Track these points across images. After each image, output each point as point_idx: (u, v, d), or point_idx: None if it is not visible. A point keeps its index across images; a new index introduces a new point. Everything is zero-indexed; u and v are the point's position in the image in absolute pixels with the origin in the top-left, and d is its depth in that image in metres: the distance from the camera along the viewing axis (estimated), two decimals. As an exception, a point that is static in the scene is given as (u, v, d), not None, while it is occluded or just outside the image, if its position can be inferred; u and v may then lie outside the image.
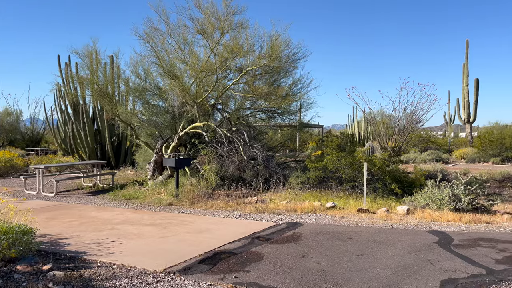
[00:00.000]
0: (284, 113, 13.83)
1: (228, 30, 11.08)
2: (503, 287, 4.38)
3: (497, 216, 8.26)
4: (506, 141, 24.92)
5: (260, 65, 11.32)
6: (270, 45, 11.52)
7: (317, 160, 11.51)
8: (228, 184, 10.92)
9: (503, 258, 5.42)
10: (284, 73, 12.97)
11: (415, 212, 8.47)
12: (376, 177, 10.63)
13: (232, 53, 11.06)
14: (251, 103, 13.31)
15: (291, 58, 12.33)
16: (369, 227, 7.38)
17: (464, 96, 34.00)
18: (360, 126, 38.17)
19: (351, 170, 10.60)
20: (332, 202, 9.23)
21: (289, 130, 16.80)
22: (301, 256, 5.51)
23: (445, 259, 5.39)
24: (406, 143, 23.47)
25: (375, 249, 5.89)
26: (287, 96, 12.79)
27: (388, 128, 20.49)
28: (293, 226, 7.43)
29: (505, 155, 24.33)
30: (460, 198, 8.59)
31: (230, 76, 12.54)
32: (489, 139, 25.34)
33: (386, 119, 21.09)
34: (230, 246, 6.01)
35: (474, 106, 33.65)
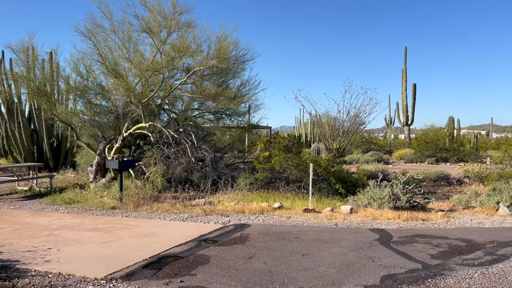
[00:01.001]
0: (232, 114, 13.83)
1: (175, 29, 10.89)
2: (438, 280, 4.64)
3: (432, 213, 8.78)
4: (440, 143, 26.64)
5: (208, 66, 11.23)
6: (218, 46, 11.47)
7: (265, 161, 11.60)
8: (175, 186, 10.71)
9: (438, 253, 5.76)
10: (232, 74, 12.97)
11: (358, 211, 8.79)
12: (322, 178, 10.91)
13: (179, 53, 10.87)
14: (199, 104, 13.17)
15: (240, 60, 12.37)
16: (315, 227, 7.55)
17: (403, 99, 35.93)
18: (307, 128, 39.12)
19: (298, 170, 10.80)
20: (280, 203, 9.35)
21: (237, 131, 16.82)
22: (248, 258, 5.51)
23: (385, 255, 5.63)
24: (350, 144, 24.41)
25: (320, 248, 6.03)
26: (236, 98, 12.80)
27: (333, 129, 21.16)
28: (241, 227, 7.42)
29: (439, 155, 25.99)
30: (399, 197, 9.04)
31: (178, 76, 12.34)
32: (425, 140, 26.95)
33: (331, 121, 21.77)
34: (176, 250, 5.88)
35: (412, 109, 35.64)
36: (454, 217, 8.53)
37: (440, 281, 4.60)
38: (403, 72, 35.74)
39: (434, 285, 4.50)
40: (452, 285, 4.49)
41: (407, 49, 36.05)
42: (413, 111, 35.68)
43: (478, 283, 4.55)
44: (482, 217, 8.52)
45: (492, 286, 4.46)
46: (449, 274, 4.85)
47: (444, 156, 25.93)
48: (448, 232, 7.11)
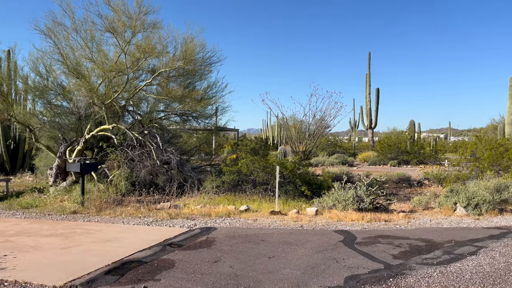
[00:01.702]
0: (199, 116, 13.70)
1: (140, 29, 10.68)
2: (399, 280, 4.77)
3: (394, 214, 9.04)
4: (402, 146, 27.53)
5: (174, 67, 11.08)
6: (184, 47, 11.34)
7: (232, 164, 11.57)
8: (139, 189, 10.48)
9: (399, 253, 5.93)
10: (199, 76, 12.87)
11: (323, 213, 8.92)
12: (288, 180, 10.99)
13: (145, 54, 10.67)
14: (165, 106, 12.97)
15: (206, 62, 12.29)
16: (281, 229, 7.59)
17: (367, 104, 36.90)
18: (274, 131, 39.39)
19: (265, 173, 10.84)
20: (246, 205, 9.34)
21: (204, 133, 16.69)
22: (214, 261, 5.46)
23: (349, 256, 5.73)
24: (316, 147, 24.76)
25: (286, 250, 6.06)
26: (202, 100, 12.70)
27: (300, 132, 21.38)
28: (207, 231, 7.35)
29: (401, 158, 26.85)
30: (362, 199, 9.25)
31: (143, 77, 12.10)
32: (388, 143, 27.77)
33: (298, 124, 21.99)
34: (140, 255, 5.75)
35: (375, 113, 36.66)
36: (414, 217, 8.81)
37: (401, 281, 4.73)
38: (367, 77, 36.72)
39: (395, 284, 4.62)
40: (412, 284, 4.62)
41: (371, 54, 37.08)
42: (376, 115, 36.71)
43: (437, 282, 4.71)
44: (441, 218, 8.85)
45: (450, 285, 4.63)
46: (410, 273, 5.00)
47: (406, 159, 26.81)
48: (409, 233, 7.34)
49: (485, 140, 15.26)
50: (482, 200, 9.29)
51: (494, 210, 9.30)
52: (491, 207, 9.29)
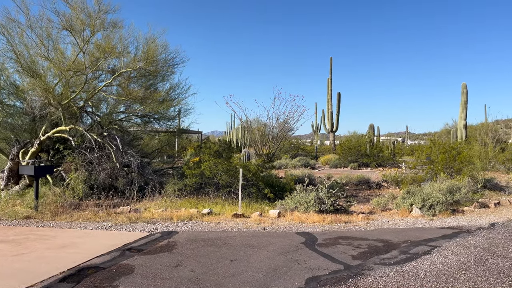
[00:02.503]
0: (161, 118, 13.47)
1: (100, 28, 10.38)
2: (357, 280, 4.89)
3: (354, 216, 9.26)
4: (362, 149, 28.28)
5: (135, 68, 10.84)
6: (146, 48, 11.13)
7: (195, 167, 11.45)
8: (98, 193, 10.14)
9: (358, 254, 6.07)
10: (161, 77, 12.66)
11: (286, 215, 9.00)
12: (251, 183, 11.01)
13: (104, 53, 10.37)
14: (126, 107, 12.66)
15: (169, 63, 12.11)
16: (244, 232, 7.58)
17: (329, 107, 37.65)
18: (238, 133, 39.37)
19: (228, 176, 10.80)
20: (209, 208, 9.27)
21: (167, 136, 16.42)
22: (175, 266, 5.37)
23: (310, 258, 5.81)
24: (279, 150, 25.00)
25: (248, 253, 6.06)
26: (165, 101, 12.50)
27: (263, 135, 21.51)
28: (168, 235, 7.23)
29: (361, 161, 27.57)
30: (324, 201, 9.41)
31: (102, 77, 11.76)
32: (348, 146, 28.44)
33: (262, 127, 22.12)
34: (97, 261, 5.56)
35: (337, 117, 37.46)
36: (373, 219, 9.07)
37: (359, 281, 4.85)
38: (329, 81, 37.49)
39: (354, 284, 4.73)
40: (370, 284, 4.75)
41: (332, 59, 37.91)
42: (338, 118, 37.51)
43: (394, 281, 4.87)
44: (398, 219, 9.16)
45: (406, 284, 4.80)
46: (368, 273, 5.13)
47: (365, 162, 27.57)
48: (368, 234, 7.54)
49: (439, 144, 15.96)
50: (436, 201, 9.70)
51: (447, 211, 9.73)
52: (444, 208, 9.72)
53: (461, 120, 31.78)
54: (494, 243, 6.87)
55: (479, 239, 7.15)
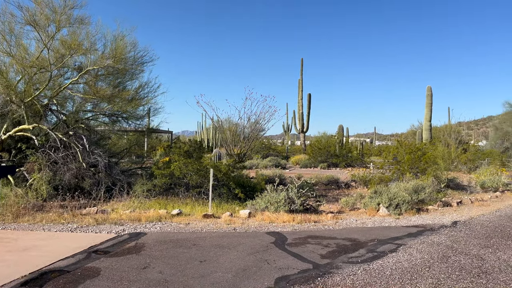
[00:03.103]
0: (130, 117, 13.19)
1: (65, 24, 10.07)
2: (326, 279, 4.95)
3: (323, 215, 9.39)
4: (331, 149, 28.73)
5: (103, 65, 10.57)
6: (114, 45, 10.88)
7: (164, 167, 11.28)
8: (63, 194, 9.82)
9: (327, 253, 6.16)
10: (130, 75, 12.41)
11: (256, 215, 9.01)
12: (222, 183, 10.97)
13: (70, 50, 10.06)
14: (93, 106, 12.32)
15: (138, 61, 11.88)
16: (214, 232, 7.53)
17: (299, 108, 38.04)
18: (209, 133, 39.15)
19: (198, 176, 10.71)
20: (179, 209, 9.15)
21: (136, 135, 16.13)
22: (143, 268, 5.27)
23: (280, 258, 5.84)
24: (251, 150, 24.99)
25: (218, 253, 6.02)
26: (134, 100, 12.25)
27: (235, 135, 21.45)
28: (136, 236, 7.09)
29: (330, 161, 28.01)
30: (294, 200, 9.49)
31: (68, 74, 11.41)
32: (318, 147, 28.83)
33: (233, 127, 22.06)
34: (61, 264, 5.38)
35: (307, 117, 37.90)
36: (342, 218, 9.22)
37: (328, 280, 4.91)
38: (300, 82, 37.87)
39: (323, 283, 4.79)
40: (338, 282, 4.82)
41: (303, 60, 38.33)
42: (308, 119, 37.97)
43: (361, 279, 4.96)
44: (366, 218, 9.36)
45: (373, 281, 4.90)
46: (336, 272, 5.21)
47: (335, 162, 28.02)
48: (336, 233, 7.66)
49: (405, 144, 16.42)
50: (402, 200, 9.97)
51: (412, 209, 10.03)
52: (409, 207, 10.01)
53: (426, 122, 32.83)
54: (456, 240, 7.13)
55: (442, 237, 7.40)
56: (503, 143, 41.83)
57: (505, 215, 10.01)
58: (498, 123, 47.53)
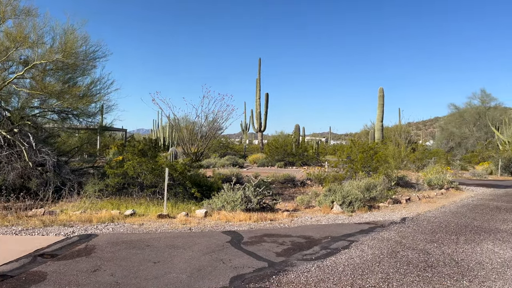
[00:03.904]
0: (81, 114, 12.66)
1: (11, 15, 9.51)
2: (281, 277, 5.00)
3: (279, 213, 9.49)
4: (288, 148, 29.15)
5: (51, 60, 10.07)
6: (64, 39, 10.40)
7: (117, 166, 10.93)
8: (6, 195, 9.26)
9: (282, 251, 6.23)
10: (81, 71, 11.91)
11: (212, 215, 8.95)
12: (178, 182, 10.79)
13: (16, 43, 9.51)
14: (41, 102, 11.71)
15: (90, 56, 11.44)
16: (168, 233, 7.40)
17: (257, 107, 38.25)
18: (165, 132, 38.44)
19: (153, 175, 10.48)
20: (132, 210, 8.91)
21: (87, 133, 15.50)
22: (93, 270, 5.08)
23: (235, 257, 5.83)
24: (208, 149, 24.83)
25: (172, 254, 5.92)
26: (85, 97, 11.78)
27: (192, 134, 21.21)
28: (87, 238, 6.82)
29: (287, 160, 28.39)
30: (250, 199, 9.52)
31: (13, 68, 10.78)
32: (275, 146, 29.15)
33: (190, 125, 21.81)
34: (4, 268, 5.07)
35: (265, 116, 38.19)
36: (297, 216, 9.36)
37: (283, 277, 4.97)
38: (257, 82, 38.08)
39: (277, 281, 4.84)
40: (292, 280, 4.89)
41: (261, 60, 38.58)
42: (266, 118, 38.27)
43: (315, 276, 5.06)
44: (320, 215, 9.56)
45: (326, 278, 5.01)
46: (291, 269, 5.28)
47: (291, 160, 28.45)
48: (291, 231, 7.77)
49: (358, 144, 16.94)
50: (355, 198, 10.29)
51: (364, 207, 10.37)
52: (362, 204, 10.34)
53: (378, 122, 34.08)
54: (405, 236, 7.45)
55: (392, 232, 7.70)
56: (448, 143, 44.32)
57: (449, 211, 10.58)
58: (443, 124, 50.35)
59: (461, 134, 43.76)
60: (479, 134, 42.45)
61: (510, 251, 6.53)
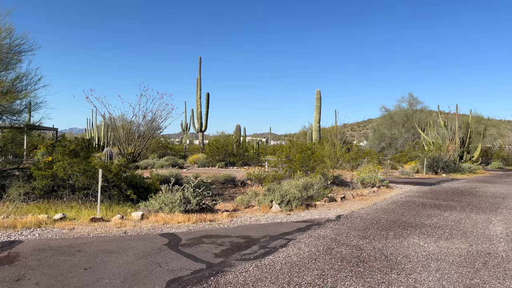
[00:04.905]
0: (4, 111, 11.67)
1: None
2: (219, 278, 4.97)
3: (219, 214, 9.44)
4: (229, 148, 29.16)
5: (-31, 52, 9.20)
6: (-16, 30, 9.54)
7: (45, 167, 10.25)
8: None
9: (221, 252, 6.19)
10: (5, 65, 10.99)
11: (149, 217, 8.69)
12: (113, 184, 10.35)
13: None
14: (-43, 97, 10.65)
15: (15, 49, 10.60)
16: (102, 237, 7.06)
17: (198, 107, 37.84)
18: (100, 131, 36.75)
19: (86, 177, 9.96)
20: (62, 213, 8.39)
21: (12, 132, 14.34)
22: (16, 280, 4.70)
23: (172, 259, 5.70)
24: (146, 149, 24.09)
25: (105, 259, 5.65)
26: (9, 93, 10.88)
27: (129, 134, 20.47)
28: (10, 245, 6.31)
29: (228, 160, 28.40)
30: (189, 200, 9.37)
31: None
32: (216, 146, 29.04)
33: (127, 124, 21.03)
34: None
35: (206, 116, 37.88)
36: (237, 216, 9.37)
37: (221, 278, 4.93)
38: (198, 81, 37.68)
39: (215, 282, 4.79)
40: (231, 280, 4.87)
41: (201, 59, 38.21)
42: (207, 118, 37.97)
43: (253, 275, 5.08)
44: (260, 215, 9.65)
45: (263, 277, 5.05)
46: (229, 270, 5.26)
47: (232, 161, 28.50)
48: (231, 231, 7.75)
49: (297, 144, 17.36)
50: (293, 197, 10.52)
51: (302, 205, 10.63)
52: (300, 203, 10.60)
53: (315, 123, 35.19)
54: (339, 233, 7.74)
55: (327, 230, 7.97)
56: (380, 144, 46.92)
57: (380, 208, 11.18)
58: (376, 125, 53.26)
59: (392, 135, 46.52)
60: (407, 135, 45.41)
61: (433, 244, 7.03)
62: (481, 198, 13.87)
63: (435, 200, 13.05)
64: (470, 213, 10.60)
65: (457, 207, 11.65)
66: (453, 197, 14.00)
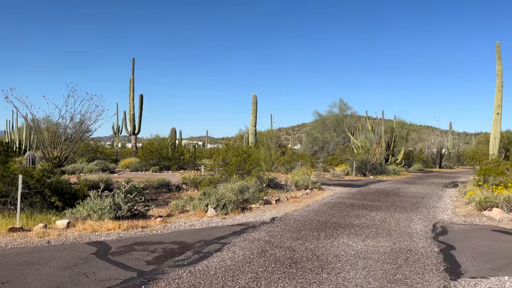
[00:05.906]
0: None
1: None
2: (151, 286, 4.81)
3: (152, 220, 9.16)
4: (164, 152, 28.49)
5: None
6: None
7: (-44, 173, 9.25)
8: None
9: (153, 259, 6.00)
10: None
11: (76, 225, 8.20)
12: (35, 190, 9.62)
13: None
14: None
15: None
16: (22, 248, 6.53)
17: (130, 109, 36.57)
18: (22, 134, 34.09)
19: (3, 184, 9.16)
20: (-25, 224, 7.64)
21: None
22: None
23: (101, 269, 5.42)
24: (74, 153, 22.75)
25: (25, 272, 5.23)
26: None
27: (54, 136, 19.22)
28: None
29: (163, 164, 27.71)
30: (120, 207, 8.99)
31: None
32: (150, 149, 28.22)
33: (53, 127, 19.74)
34: None
35: (139, 119, 36.71)
36: (171, 221, 9.17)
37: (152, 286, 4.78)
38: (131, 82, 36.46)
39: (147, 291, 4.64)
40: (163, 288, 4.74)
41: (134, 60, 37.05)
42: (140, 120, 36.82)
43: (186, 282, 4.99)
44: (195, 220, 9.52)
45: (197, 283, 4.98)
46: (162, 277, 5.12)
47: (167, 165, 27.86)
48: (164, 237, 7.56)
49: (233, 147, 17.42)
50: (229, 201, 10.51)
51: (238, 209, 10.66)
52: (235, 206, 10.62)
53: (251, 127, 35.59)
54: (273, 235, 7.87)
55: (262, 232, 8.07)
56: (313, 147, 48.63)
57: (312, 209, 11.55)
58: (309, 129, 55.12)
59: (324, 139, 48.38)
60: (338, 139, 47.48)
61: (361, 243, 7.40)
62: (404, 198, 14.87)
63: (363, 201, 13.76)
64: (394, 212, 11.32)
65: (382, 207, 12.38)
66: (379, 198, 14.87)
